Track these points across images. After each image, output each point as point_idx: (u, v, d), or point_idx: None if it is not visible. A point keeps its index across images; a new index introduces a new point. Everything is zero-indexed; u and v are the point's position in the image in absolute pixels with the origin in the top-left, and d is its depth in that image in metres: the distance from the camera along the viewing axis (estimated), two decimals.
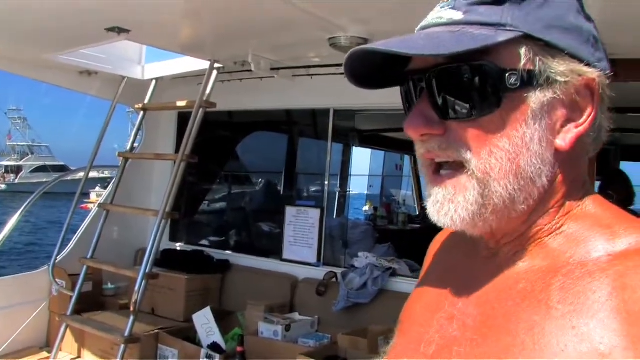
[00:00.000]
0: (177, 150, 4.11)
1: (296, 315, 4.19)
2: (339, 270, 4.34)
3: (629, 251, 0.71)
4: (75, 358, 4.14)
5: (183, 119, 5.04)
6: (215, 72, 4.05)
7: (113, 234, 5.09)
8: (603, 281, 0.69)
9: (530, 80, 0.76)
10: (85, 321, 4.02)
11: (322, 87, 4.39)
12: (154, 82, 4.59)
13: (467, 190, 0.77)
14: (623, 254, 0.71)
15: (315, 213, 4.59)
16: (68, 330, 4.05)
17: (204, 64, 4.09)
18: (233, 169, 6.41)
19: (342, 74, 3.32)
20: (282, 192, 6.10)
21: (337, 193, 6.38)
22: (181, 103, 4.27)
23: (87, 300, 4.34)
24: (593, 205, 0.81)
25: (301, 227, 4.63)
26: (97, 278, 4.63)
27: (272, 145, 6.23)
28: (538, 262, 0.78)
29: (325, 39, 3.36)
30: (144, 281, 3.65)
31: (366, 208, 8.23)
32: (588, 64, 0.77)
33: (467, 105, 0.76)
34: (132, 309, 3.61)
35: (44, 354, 4.26)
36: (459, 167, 0.79)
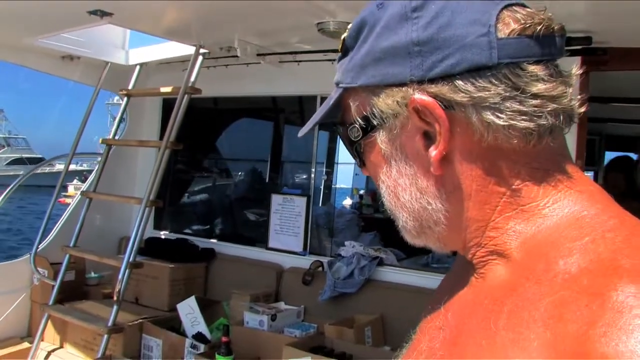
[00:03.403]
0: (161, 137, 4.04)
1: (282, 305, 4.16)
2: (325, 259, 4.31)
3: (585, 270, 0.63)
4: (57, 348, 4.07)
5: (168, 105, 4.96)
6: (200, 58, 3.99)
7: (96, 222, 5.02)
8: (546, 309, 0.62)
9: (369, 126, 0.77)
10: (67, 311, 3.95)
11: (309, 73, 4.32)
12: (138, 67, 4.51)
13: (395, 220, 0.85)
14: (577, 276, 0.63)
15: (301, 201, 4.54)
16: (50, 320, 3.99)
17: (189, 50, 4.01)
18: (218, 156, 6.34)
19: (329, 60, 3.31)
20: (267, 180, 6.05)
21: (323, 181, 6.34)
22: (166, 89, 4.20)
23: (69, 289, 4.27)
24: (570, 202, 0.72)
25: (287, 216, 4.59)
26: (80, 267, 4.55)
27: (258, 133, 6.17)
28: (506, 276, 0.73)
29: (313, 24, 3.30)
30: (127, 270, 3.60)
31: (348, 201, 8.22)
32: (422, 81, 0.70)
33: (353, 156, 0.84)
34: (115, 298, 3.55)
35: (25, 344, 4.19)
36: None
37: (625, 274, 0.59)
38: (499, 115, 0.68)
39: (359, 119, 0.78)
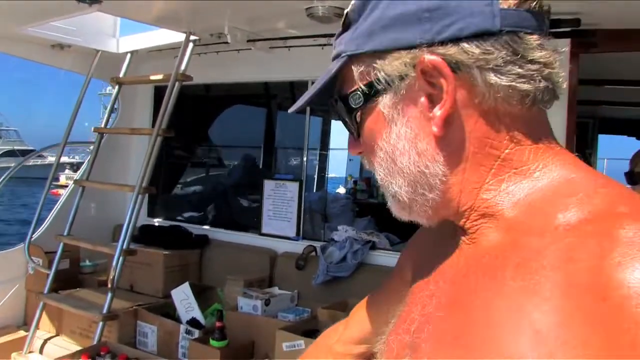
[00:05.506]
0: (153, 125, 4.05)
1: (276, 290, 4.18)
2: (318, 244, 4.32)
3: (585, 220, 0.67)
4: (54, 336, 4.10)
5: (159, 93, 4.96)
6: (191, 45, 3.98)
7: (90, 210, 5.03)
8: (554, 255, 0.65)
9: (371, 91, 0.80)
10: (62, 299, 3.98)
11: (300, 59, 4.33)
12: (129, 55, 4.51)
13: (385, 194, 0.87)
14: (578, 225, 0.67)
15: (294, 187, 4.55)
16: (45, 309, 4.01)
17: (180, 37, 4.01)
18: (212, 143, 6.35)
19: (319, 45, 3.31)
20: (260, 166, 6.06)
21: (317, 167, 6.37)
22: (157, 76, 4.20)
23: (64, 277, 4.29)
24: (558, 166, 0.76)
25: (280, 201, 4.60)
26: (75, 255, 4.58)
27: (251, 119, 6.19)
28: (502, 235, 0.76)
29: (302, 9, 3.30)
30: (121, 257, 3.62)
31: (342, 190, 8.23)
32: (431, 44, 0.74)
33: (350, 128, 0.86)
34: (109, 285, 3.58)
35: (22, 333, 4.22)
36: None
37: (626, 217, 0.64)
38: (501, 77, 0.73)
39: (362, 85, 0.80)
